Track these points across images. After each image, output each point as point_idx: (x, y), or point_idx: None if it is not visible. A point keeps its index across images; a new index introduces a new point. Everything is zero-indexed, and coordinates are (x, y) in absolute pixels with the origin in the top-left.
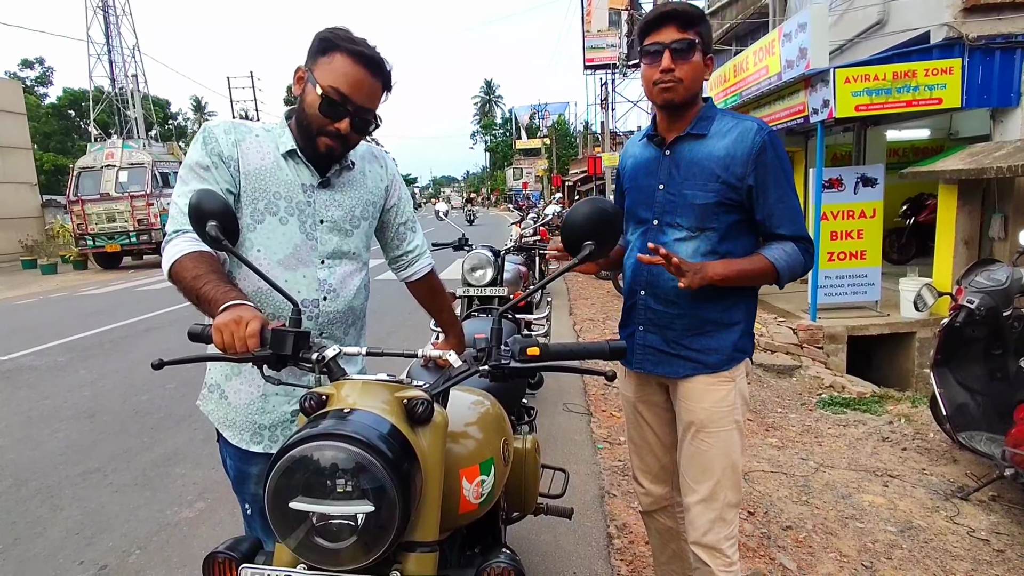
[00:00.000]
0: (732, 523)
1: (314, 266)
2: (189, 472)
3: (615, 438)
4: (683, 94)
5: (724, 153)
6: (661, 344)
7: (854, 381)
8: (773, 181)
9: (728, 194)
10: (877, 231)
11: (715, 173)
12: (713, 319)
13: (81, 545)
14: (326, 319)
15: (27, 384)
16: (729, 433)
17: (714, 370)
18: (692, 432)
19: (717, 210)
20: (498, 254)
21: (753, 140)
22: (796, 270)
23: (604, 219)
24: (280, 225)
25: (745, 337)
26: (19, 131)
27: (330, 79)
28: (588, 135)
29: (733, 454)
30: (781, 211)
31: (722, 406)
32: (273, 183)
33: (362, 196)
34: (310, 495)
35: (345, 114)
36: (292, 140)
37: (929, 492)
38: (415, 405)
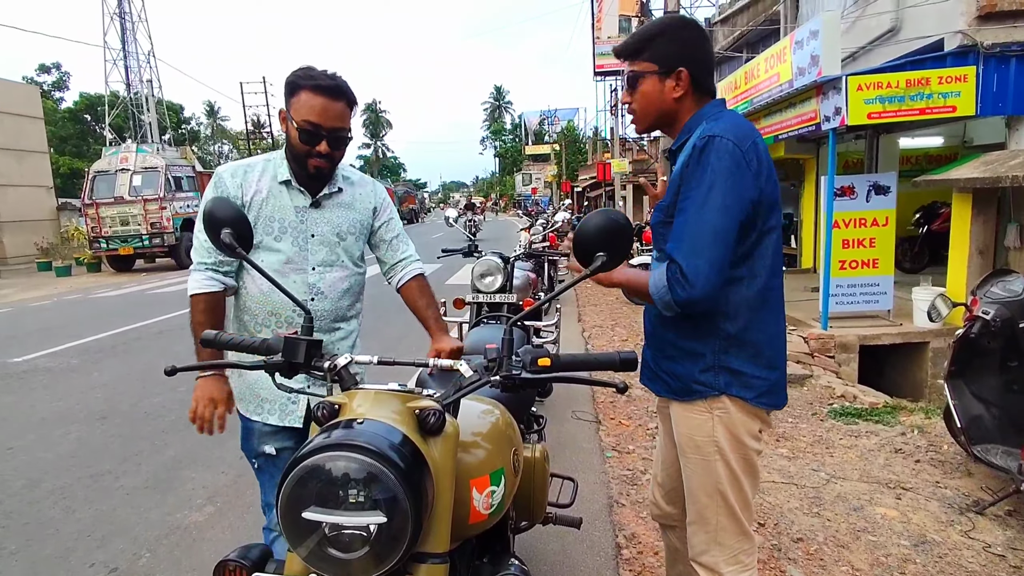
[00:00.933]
0: (733, 548)
1: (305, 272)
2: (199, 476)
3: (624, 446)
4: (642, 122)
5: (677, 168)
6: (650, 358)
7: (866, 391)
8: (681, 195)
9: (672, 212)
10: (889, 240)
11: (671, 192)
12: (672, 343)
13: (92, 547)
14: (315, 315)
15: (41, 385)
16: (708, 463)
17: (678, 396)
18: (679, 452)
19: (662, 231)
20: (507, 260)
21: (688, 154)
22: (662, 295)
23: (616, 230)
24: (275, 243)
25: (714, 372)
26: (36, 135)
27: (302, 114)
28: (598, 141)
29: (718, 484)
30: (675, 226)
31: (698, 434)
32: (268, 208)
33: (349, 215)
34: (323, 505)
35: (321, 138)
36: (288, 171)
37: (943, 505)
38: (427, 416)
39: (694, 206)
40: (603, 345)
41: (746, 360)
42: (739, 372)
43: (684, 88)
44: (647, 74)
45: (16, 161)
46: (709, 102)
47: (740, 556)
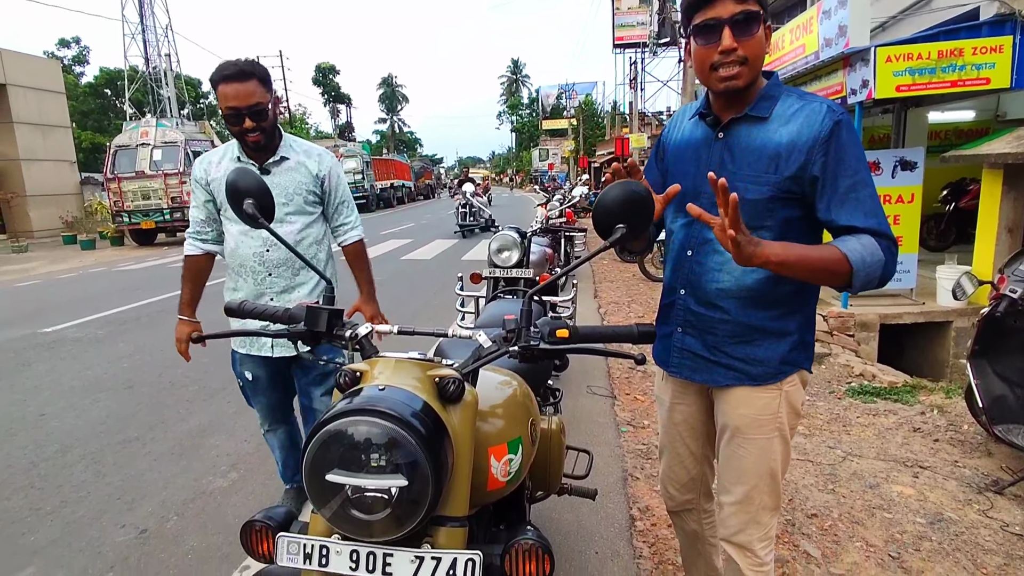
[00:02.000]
0: (767, 526)
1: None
2: (222, 443)
3: (639, 421)
4: (748, 76)
5: (787, 140)
6: (700, 349)
7: (885, 370)
8: (843, 170)
9: (787, 187)
10: (915, 217)
11: (774, 163)
12: (760, 327)
13: (123, 509)
14: (271, 265)
15: (69, 355)
16: (769, 441)
17: (757, 382)
18: (728, 436)
19: (772, 206)
20: (524, 236)
21: (822, 124)
22: (874, 271)
23: (637, 202)
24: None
25: (798, 349)
26: (58, 110)
27: (222, 104)
28: (616, 115)
29: (772, 463)
30: (854, 201)
31: (763, 414)
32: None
33: (295, 179)
34: (346, 468)
35: (243, 117)
36: (239, 150)
37: (961, 485)
38: (446, 384)
39: (870, 180)
40: (619, 321)
41: (813, 330)
42: (809, 343)
43: (768, 45)
44: (760, 15)
45: (40, 136)
46: None
47: (769, 532)
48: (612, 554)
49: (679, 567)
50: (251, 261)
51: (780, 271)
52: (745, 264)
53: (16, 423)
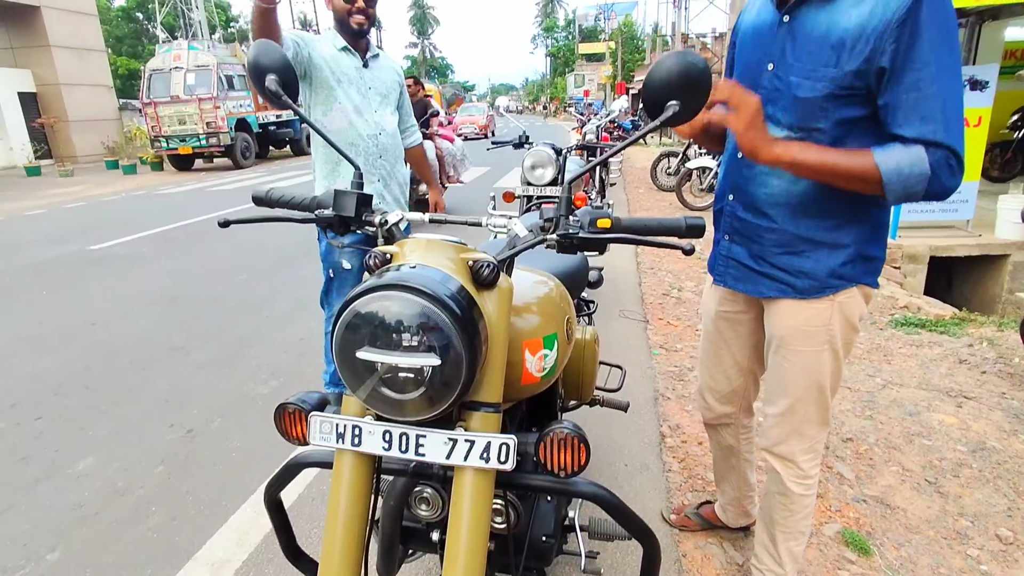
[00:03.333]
0: (812, 439)
1: (371, 113)
2: (263, 354)
3: (672, 345)
4: None
5: (854, 25)
6: (746, 258)
7: (931, 303)
8: (913, 61)
9: (847, 83)
10: (980, 143)
11: (835, 55)
12: (810, 237)
13: (171, 411)
14: (382, 147)
15: (116, 271)
16: (817, 354)
17: (803, 295)
18: (774, 346)
19: (827, 105)
20: (560, 152)
21: (898, 3)
22: (914, 185)
23: (692, 74)
24: (349, 87)
25: (854, 263)
26: (93, 33)
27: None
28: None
29: (820, 376)
30: (913, 101)
31: (812, 324)
32: (337, 65)
33: (388, 76)
34: (377, 346)
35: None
36: (342, 39)
37: (1008, 415)
38: (481, 267)
39: (948, 74)
40: (652, 250)
41: (879, 245)
42: (872, 258)
43: None
44: None
45: (77, 60)
46: None
47: (816, 445)
48: (641, 467)
49: (708, 482)
50: (365, 142)
51: (796, 173)
52: (750, 157)
53: (70, 330)
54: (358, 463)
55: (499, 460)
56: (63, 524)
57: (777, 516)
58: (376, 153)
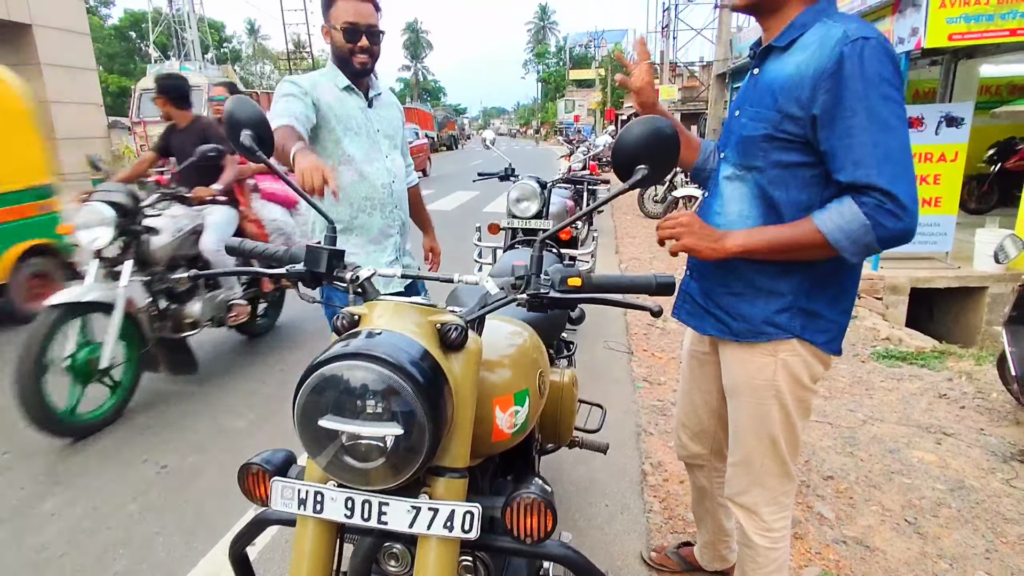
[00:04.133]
0: (775, 491)
1: (382, 160)
2: (242, 386)
3: (655, 378)
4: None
5: (792, 71)
6: (698, 294)
7: (913, 335)
8: (843, 110)
9: (784, 126)
10: (957, 177)
11: (773, 97)
12: (749, 281)
13: (145, 445)
14: (397, 196)
15: None
16: (764, 408)
17: (737, 338)
18: (728, 394)
19: (765, 145)
20: (545, 186)
21: (830, 53)
22: (860, 236)
23: (660, 139)
24: (356, 136)
25: (790, 314)
26: (84, 51)
27: (341, 18)
28: None
29: (770, 429)
30: (845, 148)
31: (757, 378)
32: (342, 109)
33: (394, 114)
34: (339, 414)
35: (360, 34)
36: (345, 78)
37: (986, 453)
38: (448, 330)
39: (877, 120)
40: None
41: (827, 302)
42: (816, 314)
43: None
44: None
45: (68, 78)
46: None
47: (780, 498)
48: (622, 507)
49: (689, 523)
50: (381, 193)
51: (754, 257)
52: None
53: None
54: (320, 528)
55: (463, 529)
56: (23, 571)
57: (747, 568)
58: (392, 203)
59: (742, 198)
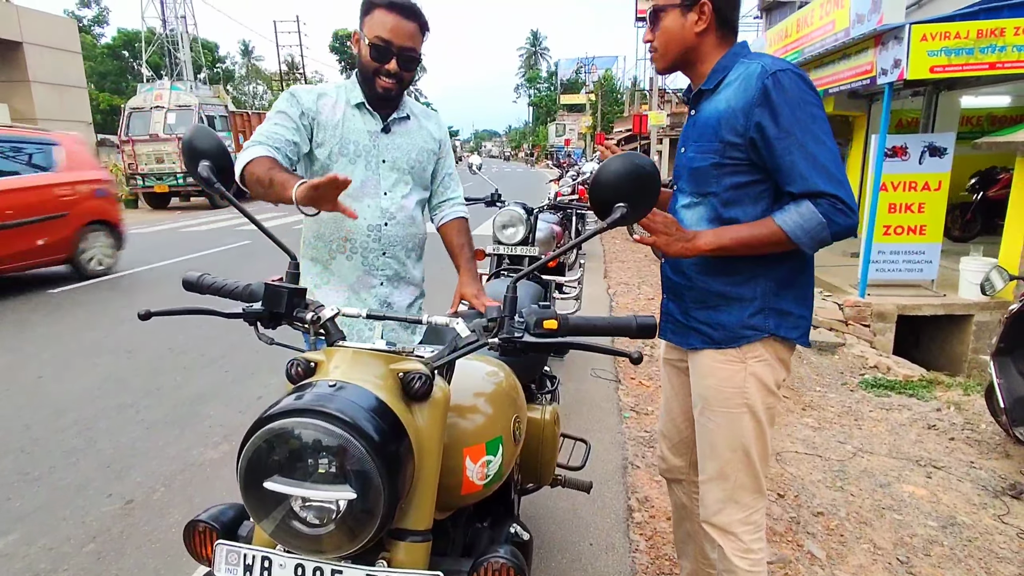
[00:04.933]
0: (749, 507)
1: (378, 197)
2: (217, 413)
3: (643, 407)
4: (663, 60)
5: (725, 107)
6: (678, 314)
7: (900, 363)
8: (778, 132)
9: (729, 153)
10: (940, 205)
11: (715, 130)
12: (722, 293)
13: (111, 478)
14: (388, 241)
15: (73, 317)
16: (737, 416)
17: (720, 346)
18: (700, 408)
19: (715, 172)
20: (531, 212)
21: (754, 85)
22: (817, 232)
23: (639, 177)
24: (349, 164)
25: (763, 315)
26: (75, 70)
27: (374, 31)
28: (635, 91)
29: (744, 439)
30: (789, 165)
31: (727, 386)
32: (344, 130)
33: (417, 143)
34: (288, 475)
35: (391, 56)
36: (361, 94)
37: (977, 487)
38: (412, 379)
39: (811, 137)
40: (628, 303)
41: (792, 301)
42: (788, 313)
43: (707, 22)
44: (668, 7)
45: (57, 96)
46: (735, 43)
47: (753, 516)
48: (607, 546)
49: (676, 562)
50: (363, 235)
51: (721, 254)
52: (680, 257)
53: (13, 385)
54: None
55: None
56: None
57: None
58: (378, 249)
59: (700, 220)
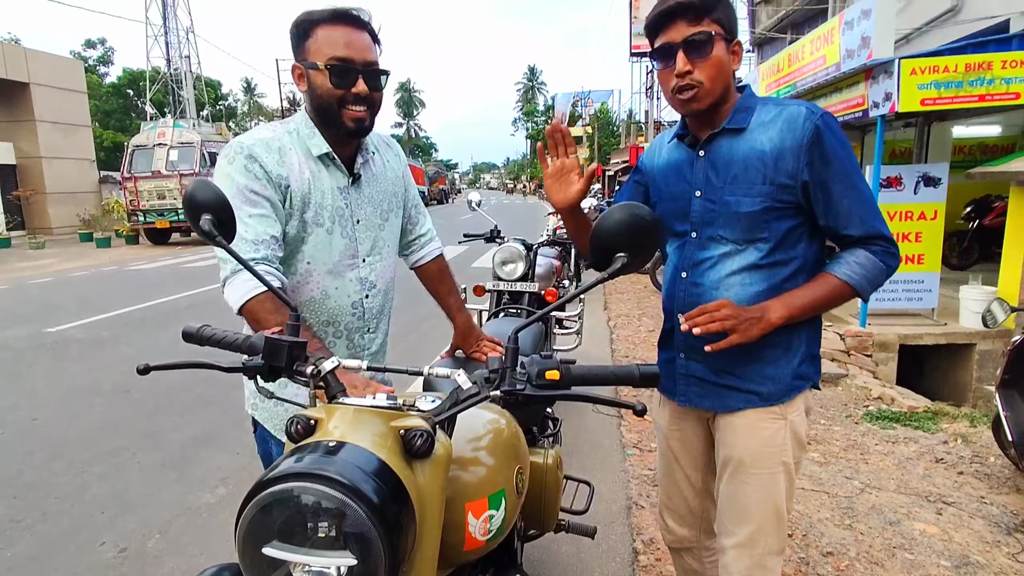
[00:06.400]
0: (773, 571)
1: (357, 267)
2: (214, 456)
3: (646, 444)
4: (707, 99)
5: (771, 147)
6: (706, 374)
7: (905, 394)
8: (833, 173)
9: (780, 196)
10: (938, 234)
11: (761, 173)
12: (768, 342)
13: (104, 525)
14: (371, 314)
15: (70, 357)
16: (773, 476)
17: (769, 402)
18: (731, 470)
19: (767, 217)
20: (531, 248)
21: (803, 127)
22: (878, 279)
23: (641, 228)
24: (327, 235)
25: (807, 362)
26: (80, 109)
27: (326, 52)
28: (632, 124)
29: (777, 498)
30: (847, 208)
31: (768, 446)
32: (317, 193)
33: (386, 188)
34: (287, 539)
35: (356, 75)
36: (324, 142)
37: (989, 524)
38: (413, 437)
39: (860, 179)
40: (628, 336)
41: (817, 343)
42: (817, 357)
43: (739, 61)
44: (718, 37)
45: (62, 134)
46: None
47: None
48: None
49: None
50: (347, 315)
51: (791, 322)
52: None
53: (8, 427)
54: None
55: None
56: None
57: None
58: (364, 327)
59: (741, 269)
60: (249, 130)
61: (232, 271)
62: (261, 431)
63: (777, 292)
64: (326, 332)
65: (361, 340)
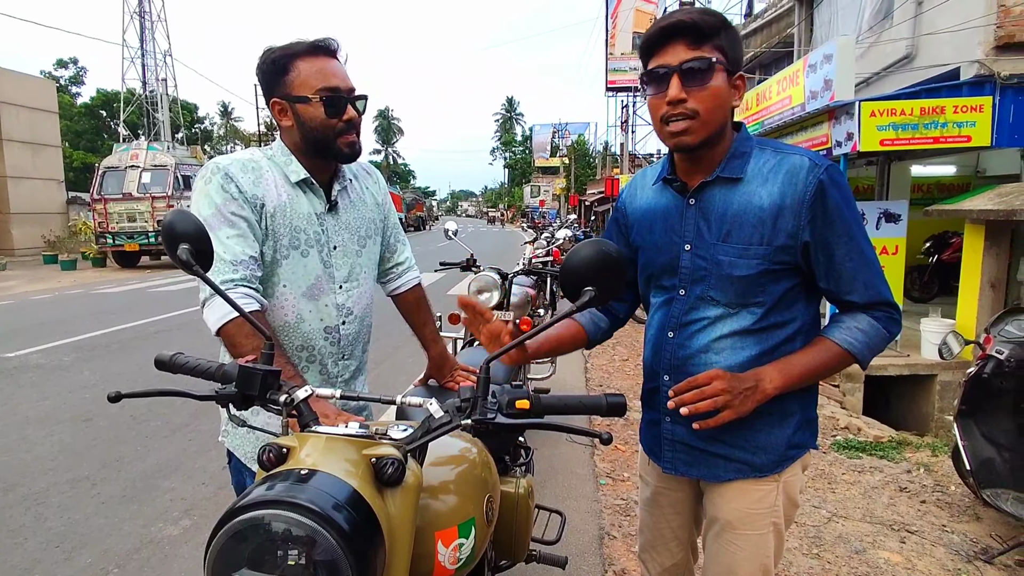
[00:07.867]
0: None
1: (333, 293)
2: (178, 486)
3: (619, 473)
4: (700, 134)
5: (769, 203)
6: (692, 439)
7: (871, 423)
8: (836, 234)
9: (778, 257)
10: (899, 269)
11: (759, 232)
12: (760, 410)
13: (59, 559)
14: (347, 341)
15: (29, 383)
16: (762, 537)
17: (762, 473)
18: (716, 530)
19: (763, 280)
20: (506, 277)
21: (806, 182)
22: (879, 346)
23: (607, 264)
24: (302, 258)
25: (802, 429)
26: (51, 129)
27: (316, 84)
28: (607, 156)
29: (765, 560)
30: (851, 272)
31: (758, 508)
32: (294, 217)
33: (364, 215)
34: (256, 568)
35: (345, 103)
36: (302, 168)
37: (950, 552)
38: (384, 465)
39: (864, 239)
40: (603, 364)
41: (813, 405)
42: (814, 419)
43: (740, 99)
44: (719, 66)
45: (30, 154)
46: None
47: None
48: None
49: None
50: (321, 340)
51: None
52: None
53: None
54: None
55: None
56: None
57: None
58: (337, 353)
59: (735, 332)
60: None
61: (212, 292)
62: (236, 462)
63: (771, 356)
64: (300, 357)
65: (335, 367)
